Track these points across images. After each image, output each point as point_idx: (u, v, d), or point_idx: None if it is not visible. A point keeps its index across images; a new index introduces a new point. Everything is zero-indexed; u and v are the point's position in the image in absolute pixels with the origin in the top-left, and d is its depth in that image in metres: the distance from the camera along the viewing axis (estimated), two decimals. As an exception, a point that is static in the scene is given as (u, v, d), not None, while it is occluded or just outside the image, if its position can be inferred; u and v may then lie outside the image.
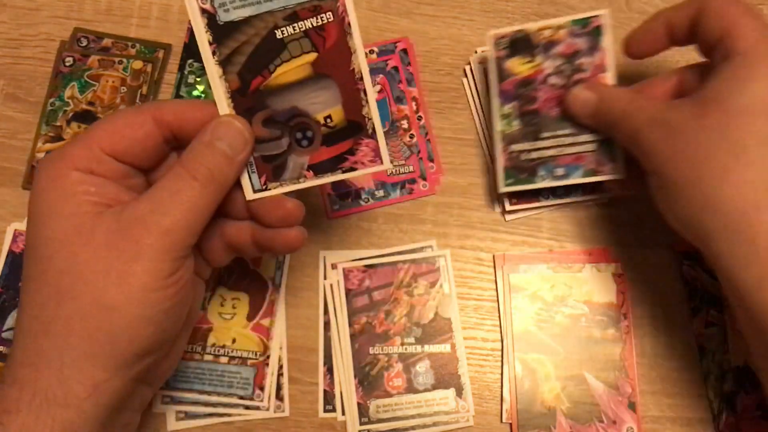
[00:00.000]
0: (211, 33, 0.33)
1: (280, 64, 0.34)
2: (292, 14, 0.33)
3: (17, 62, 0.51)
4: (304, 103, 0.35)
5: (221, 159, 0.33)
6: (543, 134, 0.45)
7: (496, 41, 0.44)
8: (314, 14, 0.33)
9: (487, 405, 0.46)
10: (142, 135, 0.34)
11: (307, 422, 0.45)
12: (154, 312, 0.31)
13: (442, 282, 0.47)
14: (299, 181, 0.36)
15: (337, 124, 0.35)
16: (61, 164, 0.32)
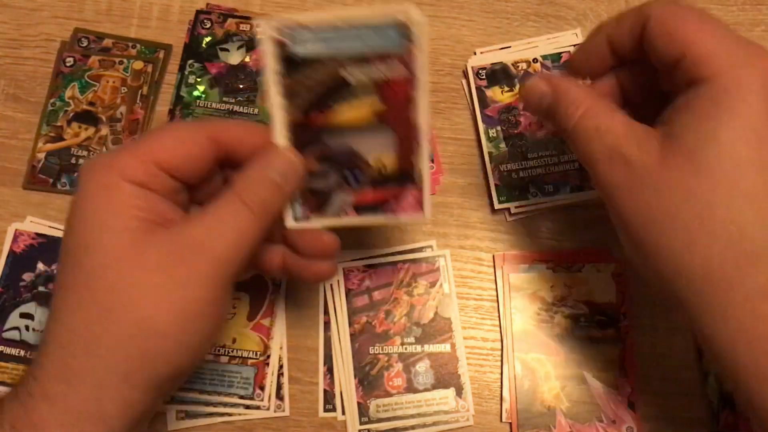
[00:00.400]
0: (281, 64, 0.33)
1: (343, 105, 0.34)
2: (362, 58, 0.33)
3: (18, 62, 0.51)
4: (360, 146, 0.35)
5: (274, 190, 0.33)
6: (529, 155, 0.48)
7: (476, 72, 0.46)
8: (384, 62, 0.33)
9: (486, 405, 0.46)
10: (198, 152, 0.33)
11: (307, 422, 0.45)
12: (198, 339, 0.31)
13: (442, 282, 0.47)
14: (340, 218, 0.36)
15: (387, 170, 0.35)
16: (113, 174, 0.31)
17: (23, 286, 0.47)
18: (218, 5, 0.52)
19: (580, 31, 0.52)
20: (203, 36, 0.51)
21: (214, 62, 0.51)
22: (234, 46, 0.51)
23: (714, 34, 0.30)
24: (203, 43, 0.51)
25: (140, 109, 0.50)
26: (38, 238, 0.47)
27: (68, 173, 0.49)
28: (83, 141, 0.49)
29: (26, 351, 0.46)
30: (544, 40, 0.51)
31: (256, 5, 0.53)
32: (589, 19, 0.52)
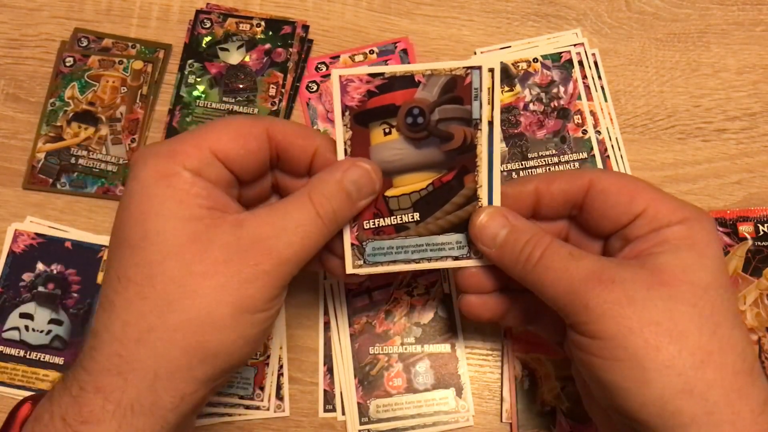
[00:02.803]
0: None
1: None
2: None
3: (18, 62, 0.51)
4: None
5: (346, 201, 0.33)
6: (529, 155, 0.48)
7: None
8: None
9: (487, 405, 0.46)
10: (256, 147, 0.33)
11: (307, 422, 0.45)
12: (255, 332, 0.31)
13: (442, 282, 0.47)
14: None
15: None
16: (171, 161, 0.31)
17: (23, 286, 0.47)
18: (218, 5, 0.52)
19: (580, 31, 0.52)
20: (203, 36, 0.51)
21: (214, 62, 0.51)
22: (234, 46, 0.51)
23: (665, 195, 0.34)
24: (203, 42, 0.51)
25: (140, 109, 0.50)
26: (38, 238, 0.47)
27: (68, 173, 0.49)
28: (83, 141, 0.49)
29: (26, 351, 0.46)
30: (544, 40, 0.51)
31: (256, 5, 0.53)
32: (589, 18, 0.52)
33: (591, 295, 0.30)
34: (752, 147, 0.50)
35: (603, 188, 0.34)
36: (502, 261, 0.35)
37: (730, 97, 0.51)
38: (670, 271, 0.31)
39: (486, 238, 0.35)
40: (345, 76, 0.33)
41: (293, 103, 0.51)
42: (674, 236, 0.32)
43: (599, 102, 0.50)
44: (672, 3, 0.53)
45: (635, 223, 0.33)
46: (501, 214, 0.35)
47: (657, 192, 0.34)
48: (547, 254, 0.33)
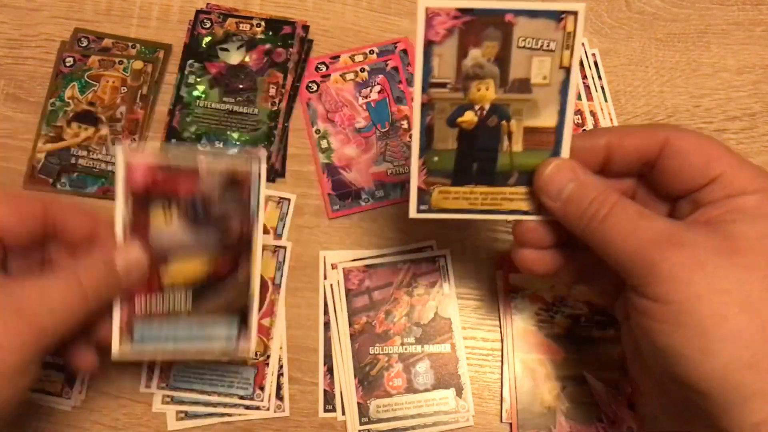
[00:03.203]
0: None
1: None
2: None
3: (18, 62, 0.51)
4: None
5: (114, 281, 0.35)
6: None
7: None
8: None
9: (487, 405, 0.46)
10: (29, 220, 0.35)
11: (307, 422, 0.45)
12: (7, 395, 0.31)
13: (442, 282, 0.47)
14: None
15: None
16: None
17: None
18: (218, 5, 0.52)
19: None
20: (203, 36, 0.51)
21: (214, 62, 0.51)
22: (234, 46, 0.51)
23: (744, 161, 0.32)
24: (203, 43, 0.51)
25: (140, 109, 0.50)
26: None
27: (68, 173, 0.49)
28: (83, 141, 0.49)
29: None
30: (544, 40, 0.51)
31: (256, 5, 0.53)
32: (589, 18, 0.52)
33: (659, 257, 0.29)
34: (752, 147, 0.50)
35: (679, 147, 0.33)
36: (566, 216, 0.33)
37: (730, 97, 0.51)
38: (744, 239, 0.29)
39: (552, 191, 0.33)
40: (432, 8, 0.32)
41: (293, 103, 0.51)
42: (750, 205, 0.30)
43: (599, 102, 0.50)
44: (672, 3, 0.53)
45: (709, 188, 0.32)
46: (569, 167, 0.33)
47: (736, 157, 0.32)
48: (615, 212, 0.31)
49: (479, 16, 0.31)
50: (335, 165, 0.49)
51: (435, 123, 0.33)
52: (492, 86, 0.33)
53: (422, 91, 0.33)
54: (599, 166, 0.35)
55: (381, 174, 0.49)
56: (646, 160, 0.34)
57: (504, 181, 0.34)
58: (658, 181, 0.34)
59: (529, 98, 0.33)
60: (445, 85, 0.33)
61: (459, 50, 0.32)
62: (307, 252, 0.48)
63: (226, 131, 0.49)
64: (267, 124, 0.49)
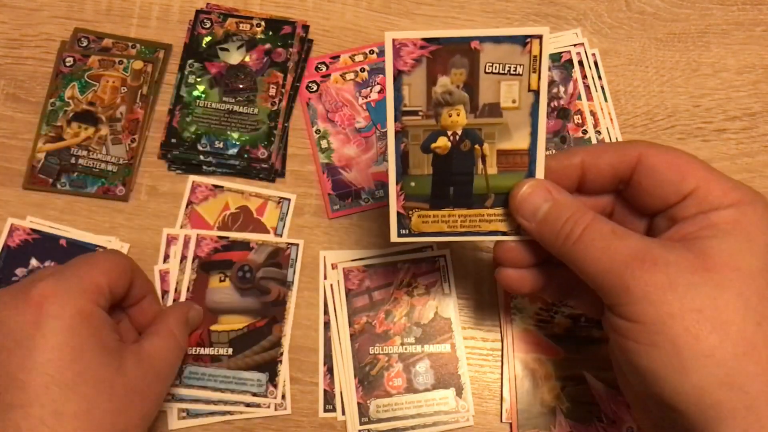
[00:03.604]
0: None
1: None
2: None
3: (18, 62, 0.51)
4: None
5: (188, 329, 0.43)
6: None
7: None
8: None
9: (487, 405, 0.46)
10: (128, 281, 0.40)
11: (307, 422, 0.45)
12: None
13: (442, 282, 0.47)
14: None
15: None
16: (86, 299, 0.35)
17: (15, 281, 0.47)
18: (218, 5, 0.52)
19: (580, 31, 0.52)
20: (203, 36, 0.51)
21: (214, 62, 0.51)
22: (234, 46, 0.51)
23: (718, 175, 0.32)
24: (203, 42, 0.51)
25: (140, 109, 0.50)
26: (33, 234, 0.47)
27: (68, 173, 0.49)
28: (83, 141, 0.49)
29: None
30: (544, 40, 0.51)
31: (256, 5, 0.53)
32: (589, 18, 0.52)
33: (632, 277, 0.29)
34: (752, 147, 0.50)
35: (653, 164, 0.33)
36: (542, 235, 0.33)
37: (730, 97, 0.51)
38: (716, 257, 0.29)
39: (527, 211, 0.34)
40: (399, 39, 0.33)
41: (293, 103, 0.51)
42: (724, 220, 0.30)
43: (599, 102, 0.50)
44: (672, 3, 0.53)
45: (684, 203, 0.32)
46: (544, 187, 0.33)
47: (709, 171, 0.32)
48: (589, 231, 0.31)
49: (445, 45, 0.32)
50: (335, 165, 0.49)
51: (409, 149, 0.34)
52: (463, 112, 0.33)
53: (395, 119, 0.34)
54: (575, 185, 0.35)
55: (381, 174, 0.49)
56: (621, 177, 0.34)
57: (481, 204, 0.35)
58: (633, 197, 0.35)
59: (500, 122, 0.33)
60: (416, 113, 0.33)
61: (428, 79, 0.33)
62: (307, 252, 0.48)
63: (226, 131, 0.49)
64: (267, 124, 0.49)
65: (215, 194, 0.49)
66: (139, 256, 0.47)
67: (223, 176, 0.49)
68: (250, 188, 0.49)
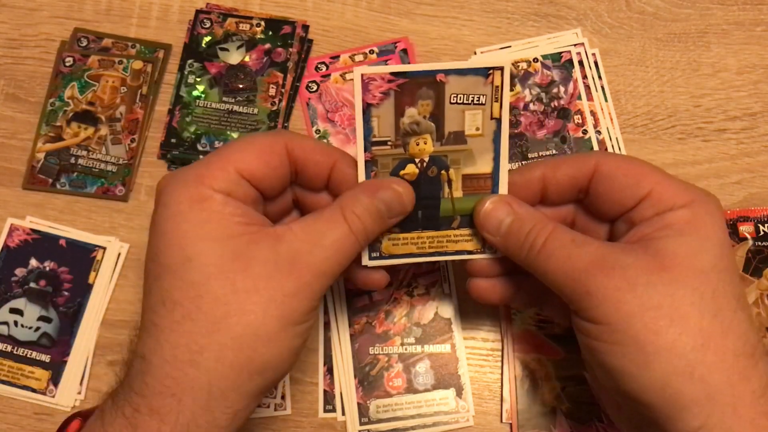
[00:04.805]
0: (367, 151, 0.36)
1: None
2: None
3: (17, 62, 0.51)
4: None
5: (377, 219, 0.34)
6: (529, 155, 0.48)
7: None
8: None
9: (487, 405, 0.45)
10: (278, 163, 0.34)
11: (307, 422, 0.45)
12: (299, 343, 0.32)
13: (442, 282, 0.47)
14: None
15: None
16: (201, 185, 0.32)
17: (15, 281, 0.47)
18: (218, 5, 0.52)
19: (580, 31, 0.52)
20: (203, 36, 0.51)
21: (214, 62, 0.51)
22: (233, 46, 0.51)
23: (670, 178, 0.34)
24: (203, 42, 0.51)
25: (140, 109, 0.50)
26: (33, 234, 0.47)
27: (67, 173, 0.49)
28: (83, 141, 0.49)
29: (14, 346, 0.46)
30: (544, 39, 0.51)
31: (256, 5, 0.53)
32: (589, 18, 0.52)
33: (592, 282, 0.31)
34: (752, 147, 0.50)
35: (608, 171, 0.34)
36: (507, 248, 0.35)
37: (731, 97, 0.51)
38: (671, 256, 0.31)
39: (490, 226, 0.35)
40: (367, 74, 0.34)
41: (293, 103, 0.51)
42: (678, 220, 0.32)
43: (599, 102, 0.50)
44: (672, 3, 0.53)
45: (640, 207, 0.33)
46: (505, 202, 0.35)
47: (662, 175, 0.34)
48: (550, 241, 0.33)
49: (412, 78, 0.34)
50: (335, 165, 0.49)
51: (379, 177, 0.35)
52: (429, 140, 0.35)
53: (364, 150, 0.35)
54: (538, 198, 0.37)
55: (381, 174, 0.49)
56: (580, 186, 0.36)
57: (448, 225, 0.37)
58: (593, 205, 0.36)
59: (464, 148, 0.35)
60: (385, 143, 0.35)
61: (396, 110, 0.34)
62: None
63: (225, 131, 0.49)
64: (267, 124, 0.49)
65: (215, 194, 0.49)
66: (139, 256, 0.47)
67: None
68: (249, 188, 0.49)
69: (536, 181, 0.36)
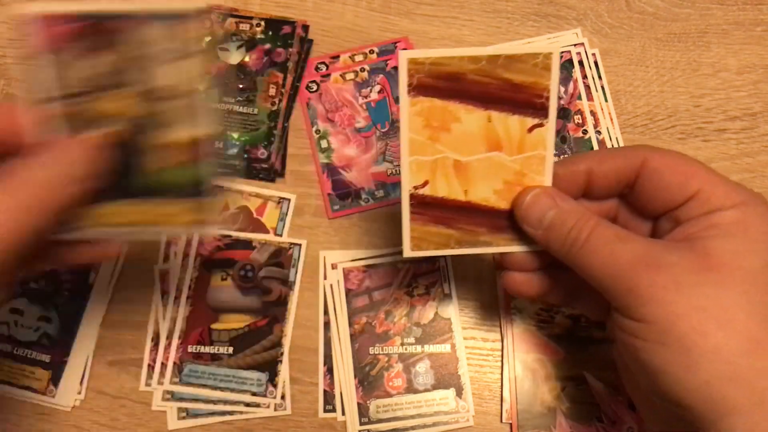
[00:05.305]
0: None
1: None
2: None
3: (18, 62, 0.51)
4: None
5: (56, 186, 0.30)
6: None
7: None
8: None
9: (487, 405, 0.45)
10: None
11: (307, 422, 0.45)
12: None
13: (442, 282, 0.47)
14: None
15: None
16: None
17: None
18: (218, 5, 0.52)
19: (580, 31, 0.52)
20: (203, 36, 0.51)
21: (214, 62, 0.51)
22: (233, 46, 0.51)
23: (719, 178, 0.33)
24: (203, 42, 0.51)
25: (140, 109, 0.50)
26: None
27: (68, 173, 0.49)
28: (83, 141, 0.49)
29: (13, 347, 0.46)
30: (544, 39, 0.51)
31: (256, 5, 0.53)
32: (589, 18, 0.52)
33: (637, 279, 0.30)
34: (752, 147, 0.50)
35: (656, 167, 0.34)
36: (548, 243, 0.34)
37: (731, 97, 0.51)
38: (719, 256, 0.30)
39: (532, 219, 0.34)
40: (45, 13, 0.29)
41: (293, 103, 0.51)
42: (726, 221, 0.31)
43: (599, 102, 0.50)
44: (672, 3, 0.53)
45: (687, 205, 0.33)
46: (548, 194, 0.34)
47: (712, 174, 0.33)
48: (594, 237, 0.32)
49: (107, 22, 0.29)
50: (335, 165, 0.49)
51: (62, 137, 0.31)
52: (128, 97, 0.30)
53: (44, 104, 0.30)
54: (582, 191, 0.36)
55: (381, 174, 0.49)
56: (626, 182, 0.35)
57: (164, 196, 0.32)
58: (638, 201, 0.35)
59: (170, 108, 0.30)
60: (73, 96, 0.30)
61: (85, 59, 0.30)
62: (307, 252, 0.48)
63: (226, 131, 0.49)
64: (267, 124, 0.49)
65: (215, 194, 0.49)
66: (139, 255, 0.47)
67: (222, 176, 0.49)
68: (249, 188, 0.49)
69: (581, 173, 0.35)
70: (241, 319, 0.46)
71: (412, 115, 0.33)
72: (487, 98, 0.33)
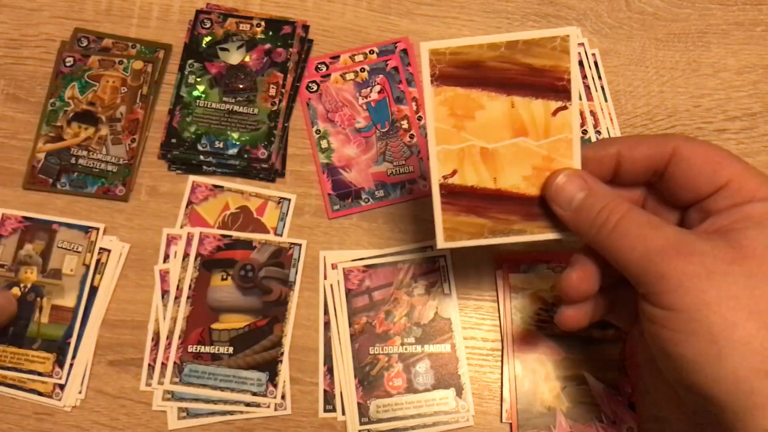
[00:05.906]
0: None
1: None
2: None
3: (18, 62, 0.51)
4: None
5: None
6: None
7: None
8: None
9: (487, 405, 0.46)
10: None
11: (307, 422, 0.45)
12: None
13: (442, 282, 0.47)
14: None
15: None
16: None
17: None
18: (218, 5, 0.52)
19: (580, 31, 0.52)
20: (203, 36, 0.51)
21: (214, 62, 0.51)
22: (234, 46, 0.51)
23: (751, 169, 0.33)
24: (203, 42, 0.51)
25: (140, 109, 0.50)
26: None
27: (68, 173, 0.49)
28: (83, 141, 0.49)
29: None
30: (544, 40, 0.51)
31: (256, 5, 0.53)
32: (589, 18, 0.52)
33: (668, 266, 0.29)
34: (752, 147, 0.50)
35: (687, 156, 0.33)
36: (577, 224, 0.34)
37: (730, 97, 0.51)
38: (752, 247, 0.29)
39: (562, 199, 0.34)
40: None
41: (293, 103, 0.51)
42: (758, 212, 0.31)
43: (599, 102, 0.50)
44: (672, 3, 0.53)
45: (717, 195, 0.32)
46: (579, 176, 0.34)
47: (743, 165, 0.33)
48: (625, 221, 0.32)
49: (35, 223, 0.47)
50: (335, 165, 0.49)
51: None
52: (35, 271, 0.46)
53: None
54: (610, 176, 0.35)
55: (381, 174, 0.49)
56: (655, 169, 0.34)
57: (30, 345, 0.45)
58: (667, 189, 0.35)
59: (58, 283, 0.46)
60: (2, 266, 0.46)
61: (18, 244, 0.47)
62: (307, 252, 0.48)
63: (226, 131, 0.49)
64: (267, 124, 0.49)
65: (215, 194, 0.49)
66: (139, 256, 0.47)
67: (223, 176, 0.49)
68: (250, 188, 0.49)
69: (610, 158, 0.35)
70: (241, 319, 0.46)
71: (437, 105, 0.33)
72: (509, 84, 0.33)
